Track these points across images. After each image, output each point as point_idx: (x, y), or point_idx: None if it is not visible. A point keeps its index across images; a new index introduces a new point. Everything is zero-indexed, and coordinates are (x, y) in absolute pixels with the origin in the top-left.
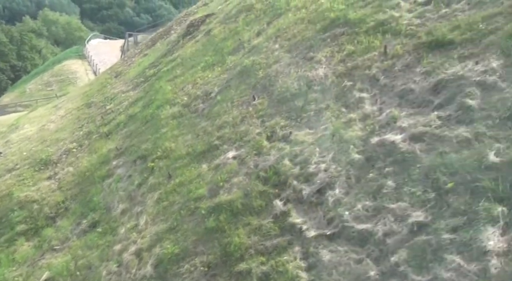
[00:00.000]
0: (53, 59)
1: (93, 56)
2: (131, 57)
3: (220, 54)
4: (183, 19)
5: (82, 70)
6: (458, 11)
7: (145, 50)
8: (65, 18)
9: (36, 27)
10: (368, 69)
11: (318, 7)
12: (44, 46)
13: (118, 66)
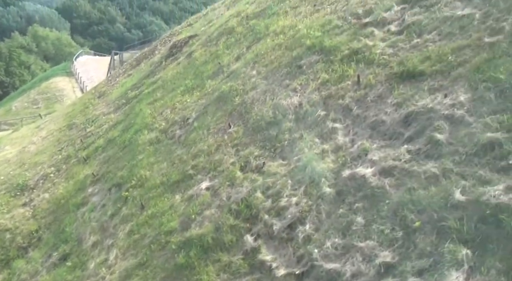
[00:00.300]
0: (40, 76)
1: (81, 73)
2: (116, 77)
3: (200, 78)
4: (167, 39)
5: (69, 88)
6: (429, 41)
7: (129, 70)
8: (55, 33)
9: (25, 43)
10: (342, 98)
11: (295, 33)
12: (33, 62)
13: (102, 86)
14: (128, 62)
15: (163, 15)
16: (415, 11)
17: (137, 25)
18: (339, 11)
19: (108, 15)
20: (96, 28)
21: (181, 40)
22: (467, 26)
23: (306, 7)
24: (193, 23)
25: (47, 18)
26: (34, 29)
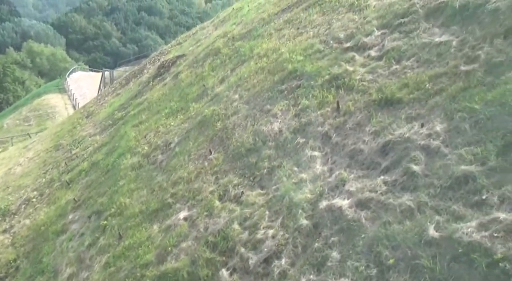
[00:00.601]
0: (32, 93)
1: (74, 90)
2: (105, 96)
3: (184, 100)
4: (156, 58)
5: (62, 105)
6: (408, 68)
7: (118, 88)
8: (49, 49)
9: (20, 59)
10: (321, 125)
11: (278, 56)
12: (27, 77)
13: (91, 105)
14: (117, 81)
15: (158, 29)
16: (394, 36)
17: (132, 39)
18: (321, 35)
19: (104, 30)
20: (92, 43)
21: (168, 60)
22: (444, 53)
23: (290, 29)
24: (182, 42)
25: (43, 33)
26: (29, 45)
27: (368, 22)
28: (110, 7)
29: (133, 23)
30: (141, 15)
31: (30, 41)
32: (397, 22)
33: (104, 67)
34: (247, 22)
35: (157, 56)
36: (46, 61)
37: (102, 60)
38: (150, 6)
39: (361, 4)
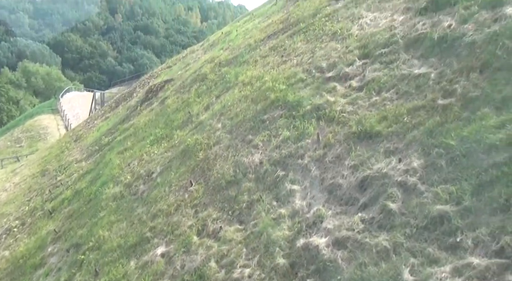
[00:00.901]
0: (25, 114)
1: (67, 111)
2: (94, 119)
3: (169, 127)
4: (146, 81)
5: (54, 126)
6: (387, 100)
7: (108, 112)
8: (45, 68)
9: (15, 78)
10: (301, 158)
11: (262, 84)
12: (22, 97)
13: (80, 128)
14: (108, 103)
15: (154, 48)
16: (375, 67)
17: (128, 58)
18: (304, 64)
19: (100, 49)
20: (87, 62)
21: (157, 85)
22: (422, 86)
23: (274, 57)
24: (172, 65)
25: (38, 53)
26: (24, 65)
27: (350, 52)
28: (106, 26)
29: (129, 42)
30: (137, 34)
31: (26, 61)
32: (378, 52)
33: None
34: (234, 47)
35: (147, 79)
36: (41, 80)
37: (97, 79)
38: (146, 25)
39: (344, 33)
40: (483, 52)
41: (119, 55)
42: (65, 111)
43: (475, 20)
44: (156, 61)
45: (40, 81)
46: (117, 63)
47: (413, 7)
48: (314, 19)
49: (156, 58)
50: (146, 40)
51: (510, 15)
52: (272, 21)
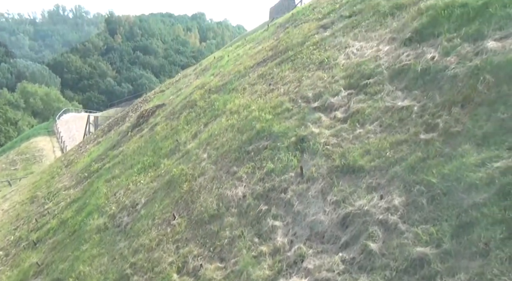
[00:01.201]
0: (21, 136)
1: (63, 132)
2: (87, 144)
3: (157, 155)
4: (139, 105)
5: (49, 148)
6: (371, 132)
7: (100, 136)
8: (44, 89)
9: (13, 99)
10: (284, 192)
11: (248, 114)
12: (20, 118)
13: (72, 153)
14: (101, 127)
15: (153, 68)
16: (360, 97)
17: (127, 78)
18: (291, 93)
19: (99, 69)
20: (87, 82)
21: (148, 110)
22: (406, 119)
23: (262, 85)
24: (165, 89)
25: (38, 73)
26: (23, 85)
27: (336, 82)
28: (105, 47)
29: (128, 62)
30: (136, 55)
31: (24, 82)
32: (363, 82)
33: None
34: (224, 73)
35: (140, 103)
36: (40, 101)
37: (96, 99)
38: (145, 45)
39: (330, 62)
40: (465, 86)
41: (118, 75)
42: (61, 133)
43: (457, 53)
44: (155, 81)
45: (38, 101)
46: (116, 83)
47: (398, 37)
48: (302, 47)
49: (155, 78)
50: (145, 60)
51: (490, 49)
52: (262, 48)
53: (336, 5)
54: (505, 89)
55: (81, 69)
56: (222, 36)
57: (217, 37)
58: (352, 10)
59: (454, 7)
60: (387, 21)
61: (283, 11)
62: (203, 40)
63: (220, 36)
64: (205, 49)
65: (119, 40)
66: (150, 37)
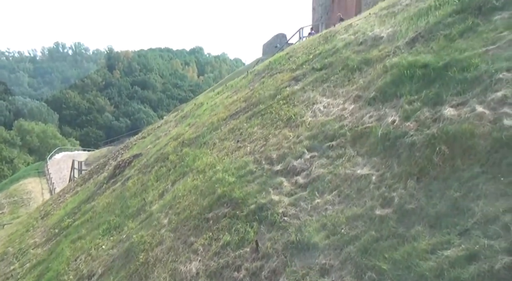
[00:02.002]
0: (11, 177)
1: (53, 173)
2: (66, 192)
3: (124, 215)
4: (121, 151)
5: (38, 190)
6: (329, 203)
7: (80, 184)
8: (40, 126)
9: (10, 137)
10: (238, 270)
11: (213, 174)
12: (16, 155)
13: (51, 202)
14: (81, 175)
15: (151, 102)
16: (322, 162)
17: (125, 113)
18: (256, 152)
19: (97, 105)
20: (85, 118)
21: (125, 160)
22: (363, 189)
23: (230, 141)
24: (147, 135)
25: (36, 110)
26: (19, 123)
27: (300, 142)
28: (104, 82)
29: (126, 97)
30: (135, 89)
31: (21, 120)
32: (326, 144)
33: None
34: (199, 125)
35: (121, 150)
36: (36, 138)
37: (94, 134)
38: (144, 80)
39: (297, 119)
40: (422, 156)
41: (116, 110)
42: (51, 174)
43: (416, 117)
44: (152, 115)
45: (35, 139)
46: (114, 118)
47: (363, 95)
48: (273, 101)
49: (152, 112)
50: (143, 94)
51: (447, 117)
52: (237, 98)
53: (310, 55)
54: (459, 163)
55: (80, 105)
56: (219, 69)
57: (214, 71)
58: (323, 62)
59: (416, 66)
60: (355, 76)
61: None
62: (201, 74)
63: (218, 69)
64: (202, 82)
65: (118, 76)
66: (149, 72)
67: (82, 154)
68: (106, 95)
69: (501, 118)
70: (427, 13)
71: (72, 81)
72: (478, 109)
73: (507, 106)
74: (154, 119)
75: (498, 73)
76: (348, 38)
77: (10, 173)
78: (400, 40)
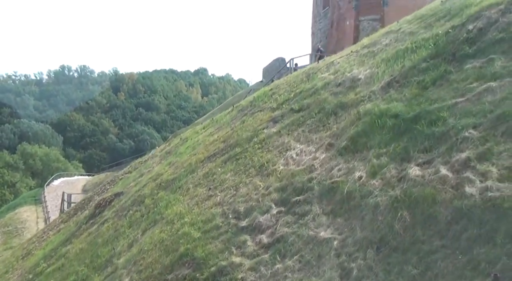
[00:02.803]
0: (7, 205)
1: (49, 201)
2: (50, 229)
3: (92, 265)
4: (107, 186)
5: (33, 219)
6: (289, 270)
7: (64, 221)
8: (44, 150)
9: (13, 161)
10: None
11: (180, 227)
12: (19, 179)
13: (33, 241)
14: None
15: (155, 124)
16: (287, 219)
17: (129, 135)
18: (225, 203)
19: (101, 126)
20: (89, 140)
21: (106, 199)
22: (324, 257)
23: (203, 188)
24: (132, 170)
25: (40, 133)
26: (22, 147)
27: (270, 194)
28: (109, 104)
29: (130, 119)
30: (139, 111)
31: (24, 143)
32: (294, 199)
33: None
34: (178, 165)
35: (108, 184)
36: (39, 161)
37: (98, 156)
38: (148, 102)
39: (269, 167)
40: (384, 221)
41: (120, 132)
42: (47, 202)
43: (382, 175)
44: (156, 136)
45: (38, 162)
46: (118, 140)
47: (335, 144)
48: (249, 144)
49: (156, 134)
50: (147, 116)
51: (412, 177)
52: (217, 137)
53: (291, 93)
54: (419, 233)
55: (84, 127)
56: (223, 90)
57: (218, 92)
58: (302, 103)
59: (387, 116)
60: (329, 122)
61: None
62: (205, 95)
63: (222, 90)
64: (206, 104)
65: (122, 98)
66: (153, 93)
67: (81, 179)
68: (110, 117)
69: (463, 183)
70: (404, 55)
71: (77, 103)
72: (442, 171)
73: (470, 170)
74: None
75: (464, 131)
76: (328, 77)
77: (12, 197)
78: (376, 84)
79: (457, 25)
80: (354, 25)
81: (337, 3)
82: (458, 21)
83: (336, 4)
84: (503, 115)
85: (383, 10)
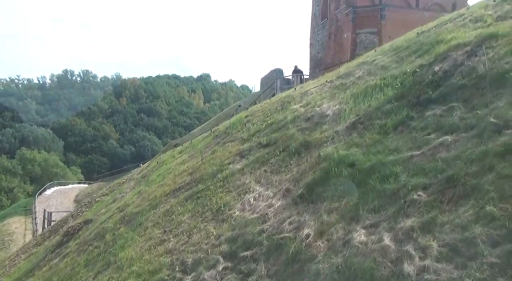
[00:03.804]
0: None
1: (39, 212)
2: (23, 253)
3: None
4: (83, 208)
5: (21, 231)
6: None
7: (38, 244)
8: (43, 155)
9: (11, 166)
10: None
11: (127, 276)
12: (17, 185)
13: (6, 264)
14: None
15: (156, 130)
16: (231, 278)
17: (130, 140)
18: (176, 251)
19: (102, 132)
20: (89, 145)
21: (75, 227)
22: None
23: (160, 229)
24: (109, 192)
25: (41, 138)
26: (21, 152)
27: (220, 245)
28: (110, 110)
29: (131, 124)
30: (140, 117)
31: (23, 149)
32: (242, 254)
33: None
34: (145, 196)
35: (84, 206)
36: (37, 167)
37: (98, 161)
38: (150, 107)
39: (225, 212)
40: None
41: (121, 137)
42: (36, 213)
43: (329, 236)
44: (157, 142)
45: (37, 168)
46: (119, 145)
47: (293, 190)
48: (212, 181)
49: (157, 140)
50: (149, 122)
51: (355, 244)
52: (187, 167)
53: (263, 124)
54: None
55: (85, 132)
56: (226, 97)
57: (220, 98)
58: (270, 137)
59: (344, 164)
60: (292, 162)
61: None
62: (207, 101)
63: (224, 97)
64: (208, 110)
65: (124, 103)
66: (155, 99)
67: (75, 188)
68: (111, 122)
69: (402, 259)
70: (372, 93)
71: (79, 108)
72: (385, 241)
73: (411, 244)
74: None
75: (414, 193)
76: (299, 110)
77: (9, 202)
78: (342, 123)
79: (425, 64)
80: (352, 38)
81: (335, 15)
82: (427, 59)
83: (334, 16)
84: (452, 179)
85: (380, 23)
